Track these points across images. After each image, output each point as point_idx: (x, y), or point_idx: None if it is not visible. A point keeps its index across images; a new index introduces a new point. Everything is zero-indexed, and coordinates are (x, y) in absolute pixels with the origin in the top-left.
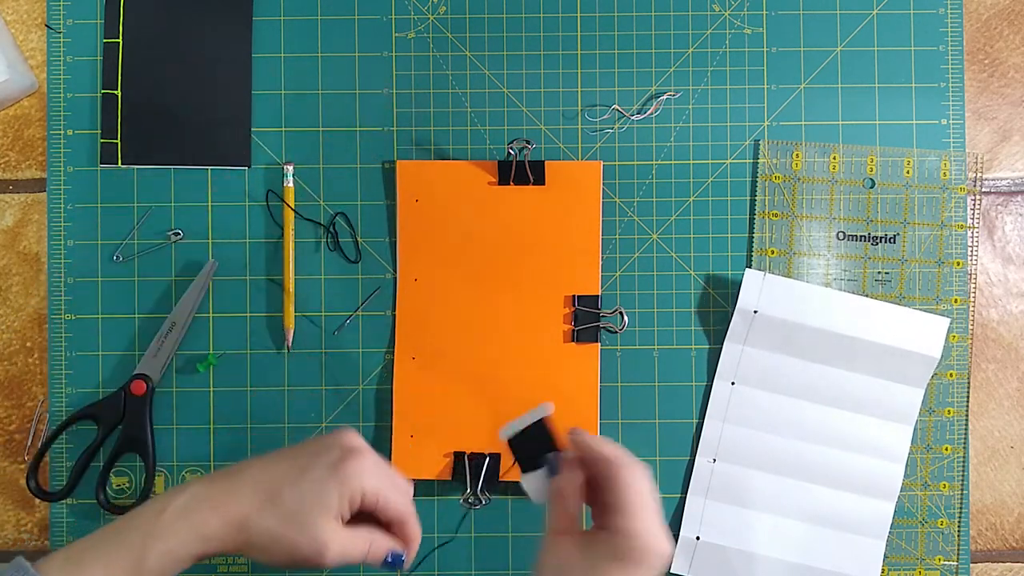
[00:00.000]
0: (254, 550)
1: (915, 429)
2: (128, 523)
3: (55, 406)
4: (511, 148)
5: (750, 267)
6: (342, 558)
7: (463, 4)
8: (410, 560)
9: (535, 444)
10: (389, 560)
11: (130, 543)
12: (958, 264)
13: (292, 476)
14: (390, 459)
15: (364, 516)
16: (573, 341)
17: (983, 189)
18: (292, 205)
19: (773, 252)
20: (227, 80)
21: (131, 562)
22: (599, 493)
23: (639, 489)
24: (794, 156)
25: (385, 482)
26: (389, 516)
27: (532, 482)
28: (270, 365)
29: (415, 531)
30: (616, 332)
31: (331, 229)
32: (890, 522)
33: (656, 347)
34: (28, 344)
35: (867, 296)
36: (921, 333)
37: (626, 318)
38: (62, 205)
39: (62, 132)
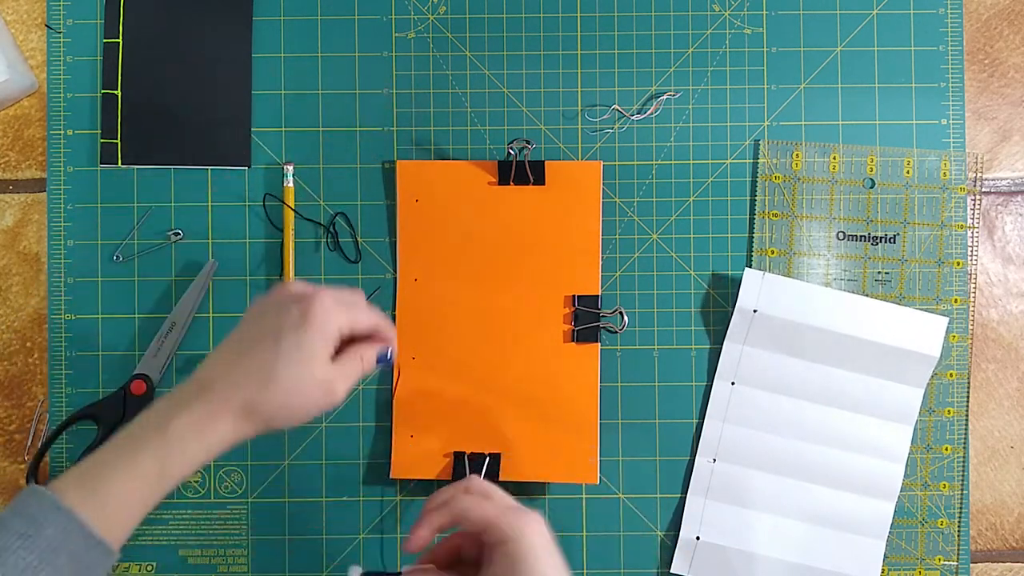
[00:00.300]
0: (274, 426)
1: (915, 429)
2: (143, 433)
3: (55, 406)
4: (511, 148)
5: (750, 267)
6: (349, 387)
7: (463, 4)
8: (396, 352)
9: None
10: (379, 362)
11: (148, 452)
12: (958, 264)
13: (273, 352)
14: (390, 459)
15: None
16: (573, 341)
17: (983, 189)
18: (292, 205)
19: (773, 252)
20: (227, 80)
21: (153, 472)
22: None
23: (536, 552)
24: (794, 156)
25: (349, 310)
26: (363, 332)
27: None
28: None
29: (389, 331)
30: (616, 332)
31: (331, 229)
32: (890, 522)
33: (656, 347)
34: (28, 344)
35: (867, 296)
36: (920, 332)
37: (626, 318)
38: (62, 205)
39: (62, 132)
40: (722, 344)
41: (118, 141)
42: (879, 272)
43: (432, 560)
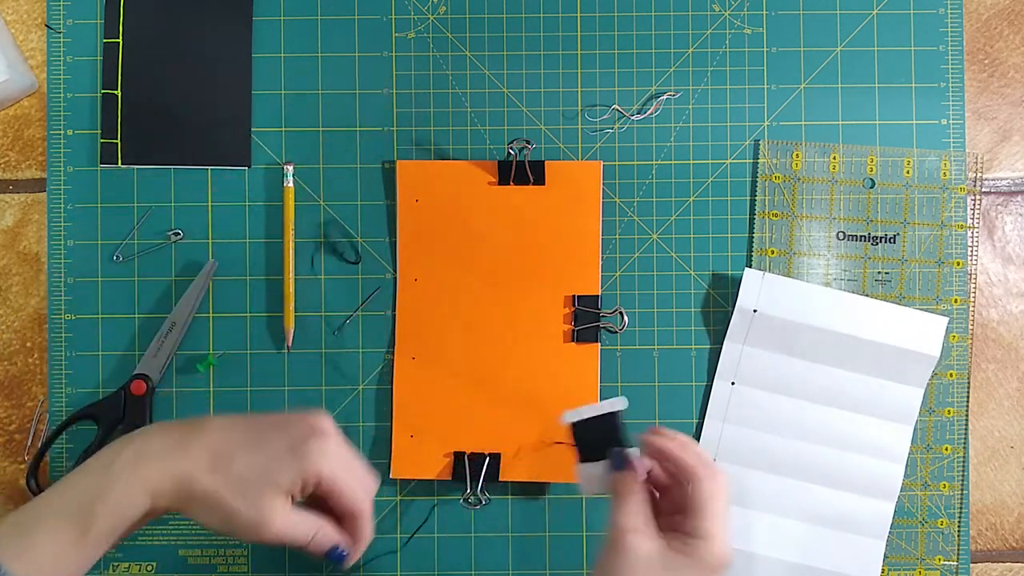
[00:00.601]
0: (194, 510)
1: (915, 429)
2: (77, 480)
3: (55, 406)
4: (511, 148)
5: (750, 267)
6: (282, 538)
7: (463, 4)
8: (353, 559)
9: (599, 435)
10: (332, 554)
11: (79, 503)
12: (958, 264)
13: (248, 443)
14: (390, 459)
15: (321, 504)
16: (573, 341)
17: (983, 189)
18: (292, 205)
19: (773, 252)
20: (227, 80)
21: (78, 524)
22: (674, 497)
23: (722, 500)
24: (794, 156)
25: (346, 471)
26: (343, 507)
27: (588, 473)
28: (270, 365)
29: (366, 529)
30: (616, 332)
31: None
32: (890, 522)
33: (656, 347)
34: (28, 344)
35: (867, 296)
36: (920, 332)
37: (626, 318)
38: (62, 205)
39: (62, 132)
40: (722, 344)
41: (118, 141)
42: (879, 272)
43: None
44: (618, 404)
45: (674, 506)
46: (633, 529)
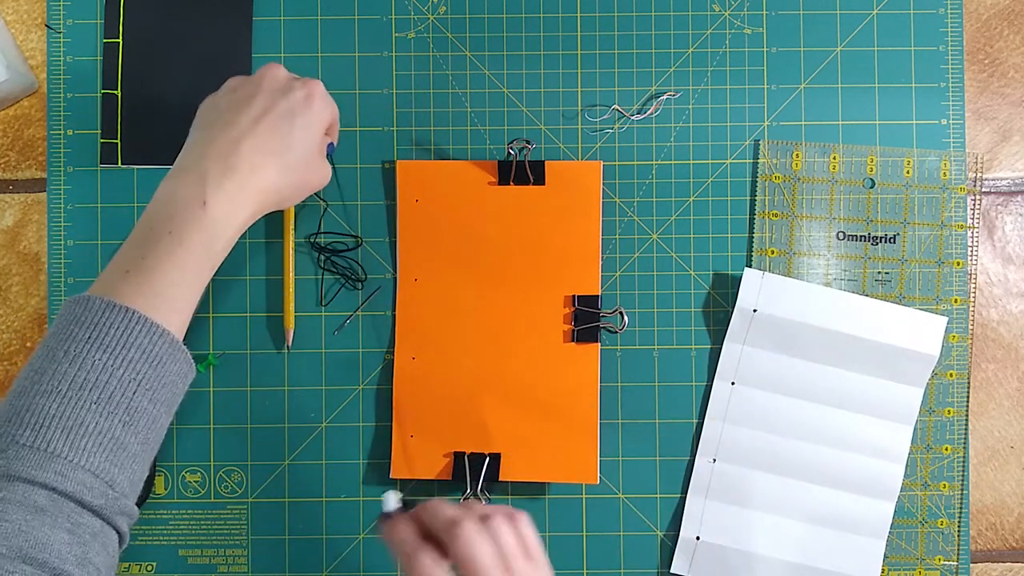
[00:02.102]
0: (283, 205)
1: (915, 429)
2: (179, 233)
3: None
4: (511, 148)
5: (750, 267)
6: (325, 178)
7: (463, 4)
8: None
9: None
10: (330, 152)
11: (195, 248)
12: (958, 264)
13: (288, 133)
14: (390, 459)
15: None
16: (573, 341)
17: (983, 189)
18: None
19: (773, 252)
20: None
21: (203, 256)
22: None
23: (475, 556)
24: (794, 156)
25: (333, 104)
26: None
27: None
28: (270, 365)
29: (336, 125)
30: (616, 332)
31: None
32: (890, 522)
33: (656, 347)
34: (28, 344)
35: (867, 296)
36: (920, 332)
37: (626, 318)
38: (62, 205)
39: (62, 132)
40: (722, 344)
41: (118, 141)
42: (879, 272)
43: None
44: (389, 502)
45: None
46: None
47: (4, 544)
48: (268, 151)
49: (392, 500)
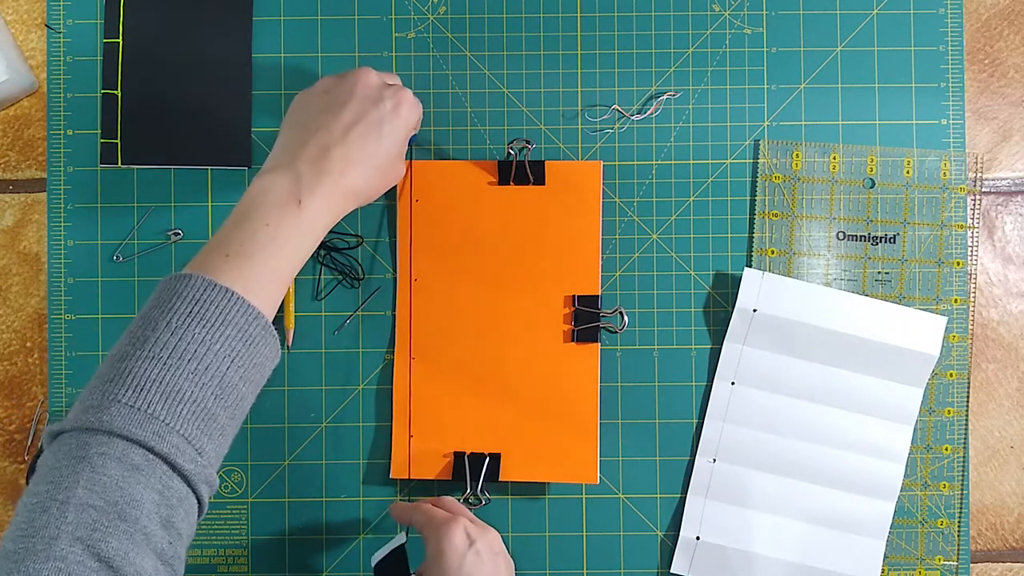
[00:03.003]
0: (361, 204)
1: (915, 429)
2: (277, 226)
3: (55, 406)
4: (511, 148)
5: (750, 267)
6: (400, 177)
7: (463, 4)
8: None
9: (395, 568)
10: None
11: (290, 235)
12: (958, 264)
13: (377, 142)
14: (390, 459)
15: None
16: (573, 341)
17: (983, 189)
18: None
19: (773, 252)
20: (227, 80)
21: (297, 250)
22: None
23: (422, 508)
24: (794, 156)
25: (419, 107)
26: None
27: None
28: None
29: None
30: (616, 332)
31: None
32: (890, 522)
33: (656, 347)
34: (28, 344)
35: (867, 296)
36: (920, 332)
37: (626, 318)
38: (62, 205)
39: (62, 132)
40: (722, 344)
41: (118, 141)
42: (879, 272)
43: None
44: (400, 539)
45: None
46: None
47: (102, 498)
48: (357, 159)
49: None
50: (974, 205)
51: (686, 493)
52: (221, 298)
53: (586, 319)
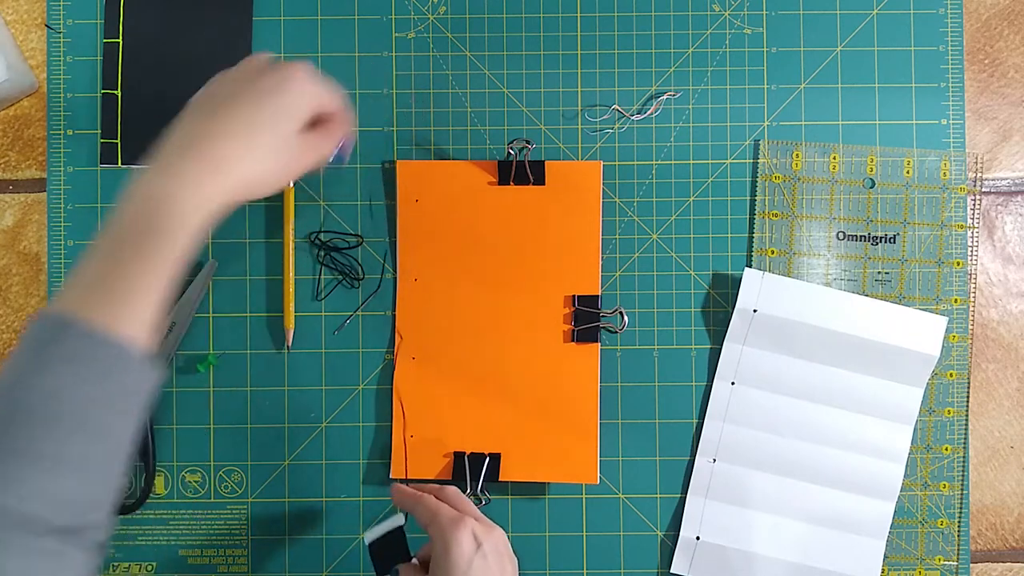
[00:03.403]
0: (251, 194)
1: (915, 429)
2: (135, 236)
3: None
4: (511, 148)
5: (750, 267)
6: (311, 165)
7: (463, 4)
8: (348, 153)
9: (391, 549)
10: (335, 160)
11: (152, 252)
12: (958, 264)
13: (255, 113)
14: (390, 459)
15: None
16: (573, 341)
17: (983, 189)
18: (292, 205)
19: (773, 252)
20: None
21: (162, 267)
22: None
23: (426, 503)
24: (794, 156)
25: (322, 85)
26: (326, 114)
27: None
28: (270, 365)
29: (348, 122)
30: (616, 332)
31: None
32: (890, 522)
33: (656, 347)
34: None
35: (867, 296)
36: (920, 332)
37: (626, 318)
38: (62, 205)
39: (62, 132)
40: (722, 344)
41: (118, 141)
42: (879, 272)
43: (423, 557)
44: (398, 520)
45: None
46: None
47: None
48: (233, 135)
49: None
50: (974, 205)
51: (686, 493)
52: (79, 336)
53: (586, 319)
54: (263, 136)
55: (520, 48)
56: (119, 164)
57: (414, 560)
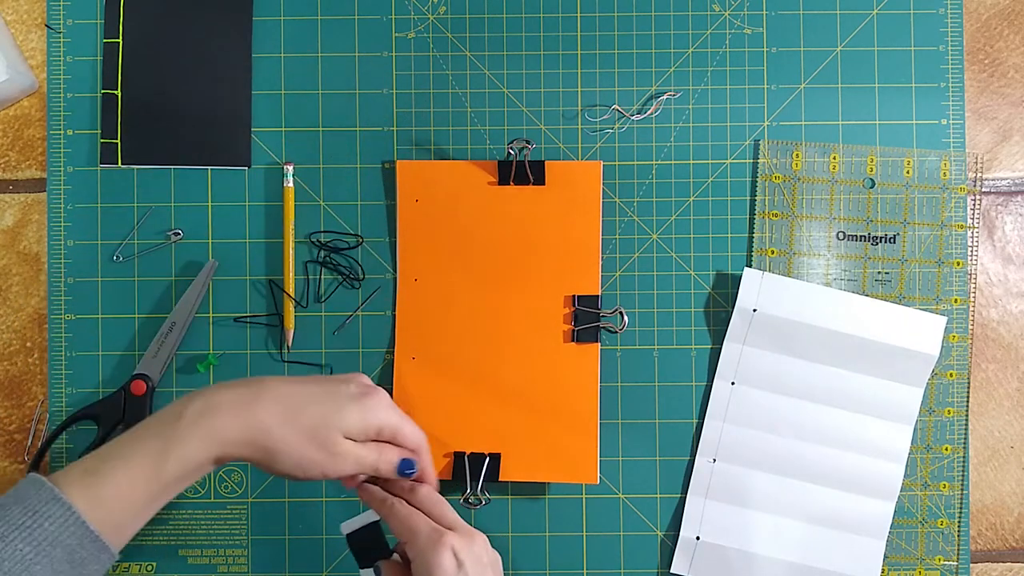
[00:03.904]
0: (271, 459)
1: (915, 429)
2: (146, 431)
3: (55, 406)
4: (511, 148)
5: (750, 267)
6: (353, 470)
7: (463, 4)
8: (426, 470)
9: (369, 541)
10: (402, 469)
11: (147, 449)
12: (958, 264)
13: (316, 396)
14: None
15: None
16: (573, 341)
17: (983, 189)
18: (292, 205)
19: (773, 252)
20: (227, 80)
21: (150, 468)
22: None
23: (401, 515)
24: (794, 156)
25: (402, 418)
26: (406, 445)
27: None
28: (270, 365)
29: (429, 456)
30: (616, 332)
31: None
32: (890, 522)
33: (656, 347)
34: (28, 344)
35: (867, 296)
36: (919, 331)
37: (626, 318)
38: (62, 205)
39: (62, 132)
40: (722, 344)
41: (118, 141)
42: (879, 272)
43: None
44: (374, 515)
45: None
46: None
47: None
48: (277, 399)
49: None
50: (974, 205)
51: (686, 493)
52: (56, 513)
53: (586, 319)
54: (306, 420)
55: (520, 48)
56: (119, 164)
57: (395, 556)
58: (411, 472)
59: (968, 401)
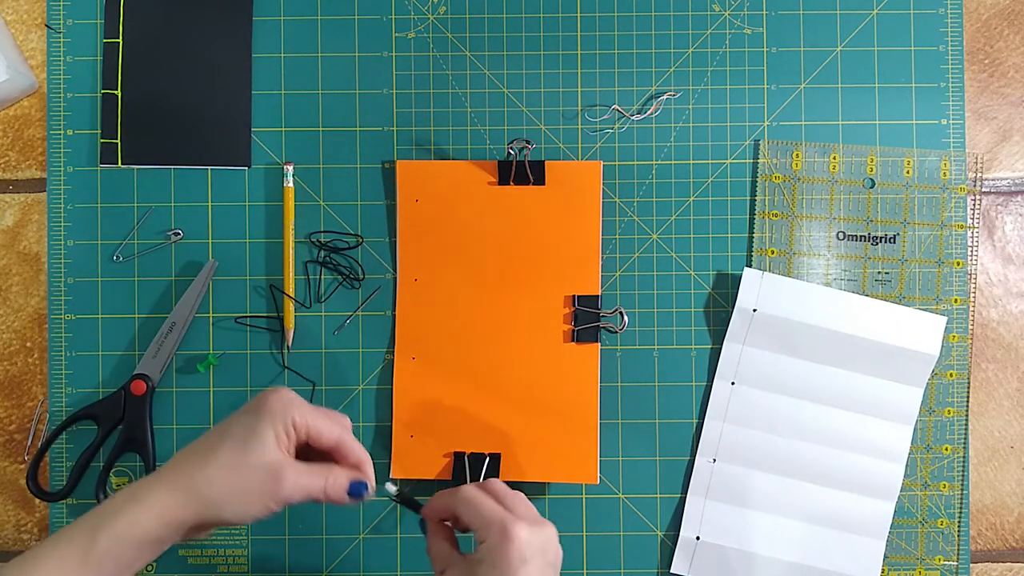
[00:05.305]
0: (216, 511)
1: (915, 429)
2: (79, 519)
3: (55, 406)
4: (511, 148)
5: (750, 267)
6: (299, 495)
7: (463, 4)
8: (372, 487)
9: (410, 501)
10: (353, 491)
11: (78, 534)
12: (958, 264)
13: (220, 434)
14: (390, 459)
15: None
16: (573, 341)
17: (983, 189)
18: (292, 205)
19: (773, 252)
20: (227, 80)
21: (81, 548)
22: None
23: (470, 500)
24: (794, 156)
25: (313, 412)
26: (325, 444)
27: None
28: (270, 365)
29: (360, 455)
30: (616, 332)
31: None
32: (890, 522)
33: (656, 347)
34: (28, 344)
35: (867, 296)
36: (919, 331)
37: (626, 318)
38: (62, 205)
39: (62, 132)
40: (722, 344)
41: (118, 141)
42: (879, 272)
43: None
44: (390, 489)
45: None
46: (439, 571)
47: None
48: (192, 452)
49: (391, 488)
50: (974, 205)
51: (686, 493)
52: None
53: (586, 319)
54: (224, 456)
55: (520, 48)
56: (119, 164)
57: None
58: (363, 493)
59: (968, 401)
